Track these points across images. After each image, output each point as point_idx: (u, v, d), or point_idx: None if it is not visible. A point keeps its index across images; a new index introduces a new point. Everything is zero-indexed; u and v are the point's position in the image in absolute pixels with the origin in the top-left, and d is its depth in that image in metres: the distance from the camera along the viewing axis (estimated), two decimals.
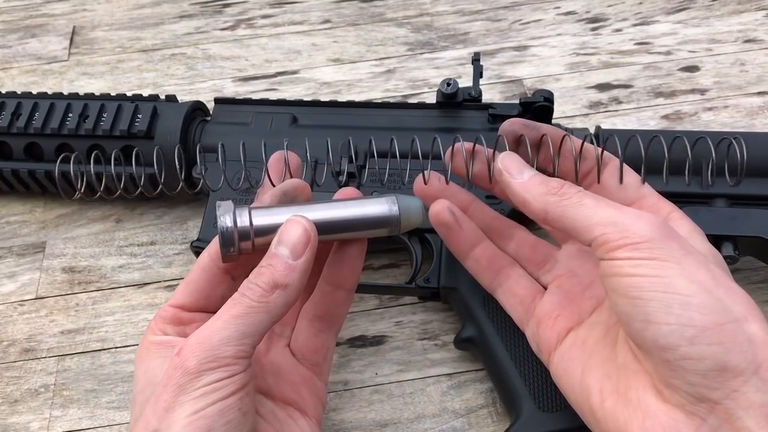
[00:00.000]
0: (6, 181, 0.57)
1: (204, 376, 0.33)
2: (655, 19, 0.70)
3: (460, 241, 0.44)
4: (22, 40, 0.73)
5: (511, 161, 0.40)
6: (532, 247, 0.45)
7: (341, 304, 0.42)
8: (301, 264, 0.36)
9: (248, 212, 0.37)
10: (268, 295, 0.35)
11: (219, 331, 0.34)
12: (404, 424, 0.47)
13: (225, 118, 0.56)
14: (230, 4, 0.74)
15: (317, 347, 0.42)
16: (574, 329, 0.40)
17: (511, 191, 0.39)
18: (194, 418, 0.32)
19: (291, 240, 0.36)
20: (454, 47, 0.69)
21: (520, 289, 0.43)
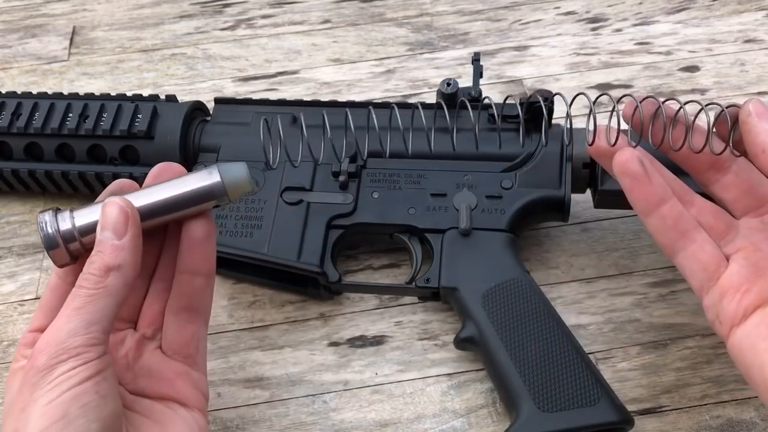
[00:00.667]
0: (6, 181, 0.57)
1: (56, 369, 0.33)
2: (655, 19, 0.70)
3: (648, 195, 0.40)
4: (22, 40, 0.73)
5: (764, 108, 0.38)
6: (714, 215, 0.42)
7: (202, 292, 0.41)
8: (127, 241, 0.36)
9: (69, 214, 0.38)
10: (103, 280, 0.35)
11: (63, 325, 0.34)
12: (404, 424, 0.47)
13: (225, 118, 0.56)
14: (230, 4, 0.74)
15: (186, 340, 0.41)
16: (763, 307, 0.38)
17: (755, 135, 0.37)
18: (48, 408, 0.32)
19: (111, 221, 0.36)
20: (454, 47, 0.69)
21: (705, 255, 0.40)
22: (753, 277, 0.39)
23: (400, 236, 0.51)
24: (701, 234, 0.41)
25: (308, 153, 0.43)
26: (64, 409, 0.33)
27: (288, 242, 0.50)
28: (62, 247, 0.38)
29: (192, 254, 0.40)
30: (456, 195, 0.51)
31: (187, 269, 0.41)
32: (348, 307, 0.53)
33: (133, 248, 0.36)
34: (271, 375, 0.50)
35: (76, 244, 0.38)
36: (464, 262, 0.49)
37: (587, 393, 0.43)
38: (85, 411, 0.33)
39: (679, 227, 0.41)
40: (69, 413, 0.33)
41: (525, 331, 0.46)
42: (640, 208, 0.41)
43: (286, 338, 0.51)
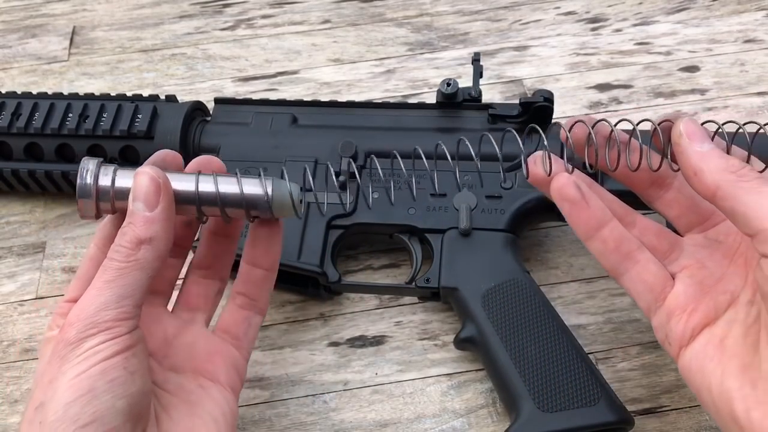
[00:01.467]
0: (6, 181, 0.57)
1: (85, 343, 0.33)
2: (655, 19, 0.70)
3: (587, 219, 0.40)
4: (22, 40, 0.73)
5: (695, 127, 0.37)
6: (657, 235, 0.42)
7: (260, 283, 0.42)
8: (158, 214, 0.35)
9: (112, 170, 0.37)
10: (135, 253, 0.34)
11: (94, 299, 0.34)
12: (404, 424, 0.47)
13: (225, 118, 0.56)
14: (230, 4, 0.74)
15: (237, 321, 0.42)
16: (710, 326, 0.37)
17: (687, 158, 0.36)
18: (75, 381, 0.32)
19: (142, 191, 0.35)
20: (454, 47, 0.69)
21: (649, 276, 0.40)
22: (699, 296, 0.39)
23: (400, 236, 0.51)
24: (645, 254, 0.40)
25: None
26: (91, 383, 0.32)
27: (288, 242, 0.50)
28: (93, 200, 0.36)
29: (255, 249, 0.42)
30: (456, 195, 0.51)
31: (250, 260, 0.42)
32: (348, 307, 0.53)
33: (165, 221, 0.36)
34: (271, 375, 0.50)
35: (107, 204, 0.37)
36: (464, 262, 0.49)
37: (587, 393, 0.43)
38: (112, 387, 0.33)
39: (621, 249, 0.40)
40: (95, 388, 0.32)
41: (525, 331, 0.46)
42: (581, 233, 0.41)
43: (286, 338, 0.51)
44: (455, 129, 0.54)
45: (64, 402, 0.32)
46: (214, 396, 0.39)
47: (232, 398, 0.40)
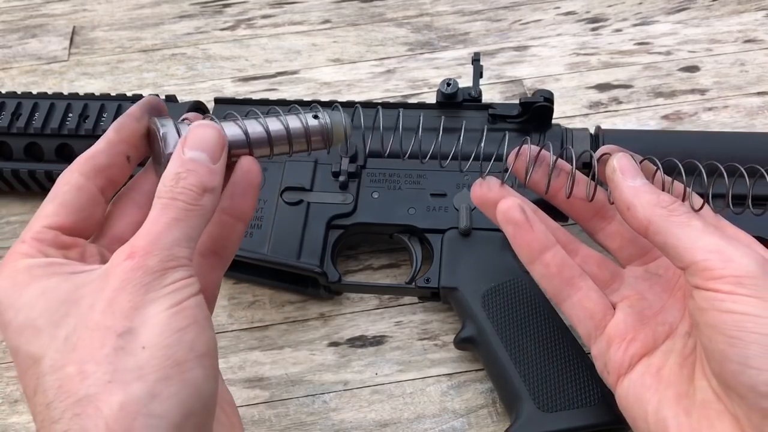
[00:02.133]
0: (6, 181, 0.57)
1: (169, 275, 0.30)
2: (655, 19, 0.70)
3: (530, 243, 0.41)
4: (22, 40, 0.73)
5: (628, 163, 0.38)
6: (598, 264, 0.43)
7: (237, 239, 0.39)
8: (219, 167, 0.35)
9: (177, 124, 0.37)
10: (200, 198, 0.33)
11: (165, 233, 0.31)
12: (404, 424, 0.47)
13: None
14: (230, 4, 0.75)
15: (206, 286, 0.37)
16: (648, 356, 0.38)
17: (620, 192, 0.37)
18: (176, 309, 0.30)
19: (209, 144, 0.35)
20: (454, 47, 0.69)
21: (590, 303, 0.40)
22: (638, 326, 0.39)
23: (400, 236, 0.51)
24: (587, 282, 0.41)
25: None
26: (194, 316, 0.30)
27: (288, 242, 0.50)
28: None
29: (245, 199, 0.38)
30: (456, 195, 0.51)
31: (233, 213, 0.38)
32: (348, 307, 0.53)
33: (222, 176, 0.35)
34: (271, 375, 0.50)
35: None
36: (464, 262, 0.49)
37: (587, 393, 0.43)
38: (209, 324, 0.31)
39: (563, 274, 0.41)
40: (199, 321, 0.30)
41: (525, 331, 0.46)
42: (524, 256, 0.42)
43: (286, 338, 0.51)
44: (455, 129, 0.54)
45: (175, 328, 0.29)
46: None
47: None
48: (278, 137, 0.39)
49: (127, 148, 0.37)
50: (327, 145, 0.40)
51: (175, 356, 0.29)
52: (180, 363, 0.29)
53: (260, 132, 0.38)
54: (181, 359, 0.29)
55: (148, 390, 0.28)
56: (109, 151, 0.36)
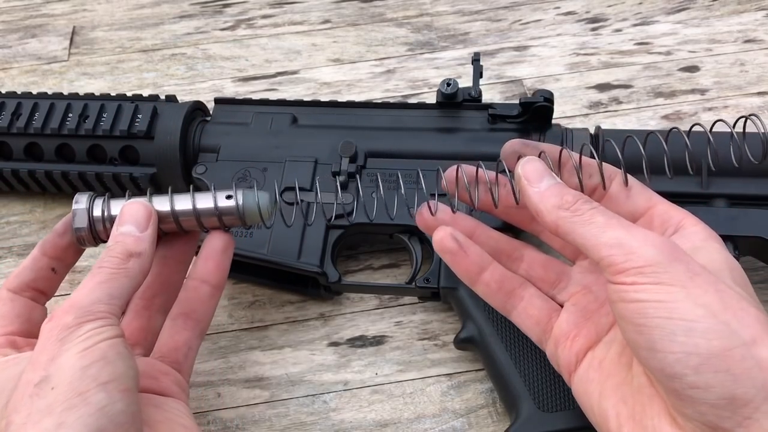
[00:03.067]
0: (6, 181, 0.57)
1: (84, 326, 0.35)
2: (655, 19, 0.70)
3: (468, 267, 0.42)
4: (22, 40, 0.73)
5: (532, 168, 0.39)
6: (544, 266, 0.43)
7: (206, 301, 0.43)
8: (148, 235, 0.40)
9: (105, 200, 0.42)
10: (125, 263, 0.38)
11: (87, 295, 0.36)
12: (404, 424, 0.47)
13: (225, 118, 0.56)
14: (230, 4, 0.75)
15: (178, 345, 0.42)
16: (592, 349, 0.39)
17: (527, 199, 0.39)
18: (86, 352, 0.34)
19: (135, 217, 0.40)
20: (454, 47, 0.69)
21: (534, 310, 0.42)
22: (581, 322, 0.40)
23: (400, 236, 0.51)
24: (528, 290, 0.42)
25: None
26: (103, 352, 0.34)
27: (288, 242, 0.50)
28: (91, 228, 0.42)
29: (207, 262, 0.43)
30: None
31: (199, 277, 0.43)
32: (348, 307, 0.53)
33: (152, 243, 0.40)
34: (271, 375, 0.50)
35: (103, 232, 0.42)
36: None
37: None
38: (121, 357, 0.34)
39: (504, 289, 0.42)
40: (107, 356, 0.34)
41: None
42: (465, 279, 0.43)
43: (286, 338, 0.51)
44: (455, 129, 0.54)
45: (79, 367, 0.33)
46: (173, 407, 0.40)
47: (188, 408, 0.41)
48: (185, 214, 0.42)
49: (50, 261, 0.43)
50: (243, 223, 0.43)
51: (78, 388, 0.32)
52: (82, 392, 0.32)
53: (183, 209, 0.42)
54: (83, 389, 0.32)
55: (55, 421, 0.32)
56: (33, 266, 0.43)
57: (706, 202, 0.48)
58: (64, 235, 0.43)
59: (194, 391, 0.49)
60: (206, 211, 0.42)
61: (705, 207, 0.48)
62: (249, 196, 0.42)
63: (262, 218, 0.42)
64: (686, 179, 0.48)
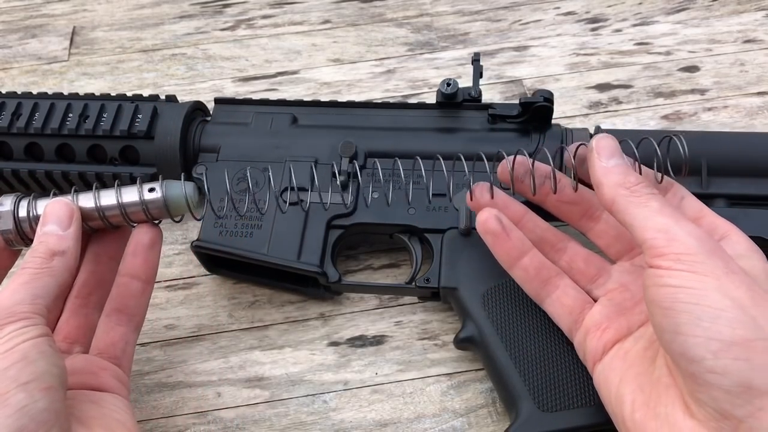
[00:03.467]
0: (6, 181, 0.57)
1: (6, 327, 0.35)
2: (655, 19, 0.70)
3: (508, 250, 0.44)
4: (22, 40, 0.73)
5: (606, 144, 0.41)
6: (585, 261, 0.45)
7: (138, 296, 0.43)
8: (71, 233, 0.40)
9: (30, 201, 0.42)
10: (48, 262, 0.38)
11: (9, 296, 0.36)
12: (404, 424, 0.47)
13: (225, 118, 0.56)
14: (230, 5, 0.75)
15: (114, 340, 0.43)
16: (620, 342, 0.40)
17: (593, 171, 0.40)
18: (6, 354, 0.34)
19: (56, 215, 0.40)
20: (454, 47, 0.69)
21: (569, 300, 0.43)
22: (614, 316, 0.42)
23: (400, 236, 0.51)
24: (564, 280, 0.44)
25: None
26: (23, 353, 0.34)
27: (288, 242, 0.50)
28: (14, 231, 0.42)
29: (135, 258, 0.43)
30: (456, 195, 0.51)
31: (128, 272, 0.43)
32: (348, 307, 0.53)
33: (77, 240, 0.40)
34: (271, 375, 0.50)
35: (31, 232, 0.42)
36: (464, 262, 0.49)
37: (587, 393, 0.43)
38: (43, 356, 0.35)
39: (541, 276, 0.44)
40: (28, 356, 0.34)
41: (525, 331, 0.46)
42: (504, 262, 0.45)
43: (286, 338, 0.52)
44: (455, 129, 0.54)
45: (0, 367, 0.33)
46: (111, 403, 0.40)
47: (128, 404, 0.41)
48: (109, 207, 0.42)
49: None
50: (169, 216, 0.43)
51: (12, 385, 0.33)
52: (1, 394, 0.33)
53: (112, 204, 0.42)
54: (2, 391, 0.33)
55: None
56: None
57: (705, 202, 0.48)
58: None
59: (194, 391, 0.49)
60: (130, 204, 0.42)
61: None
62: (173, 187, 0.42)
63: (190, 209, 0.42)
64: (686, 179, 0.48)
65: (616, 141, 0.41)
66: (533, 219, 0.46)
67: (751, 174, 0.49)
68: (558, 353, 0.45)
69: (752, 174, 0.49)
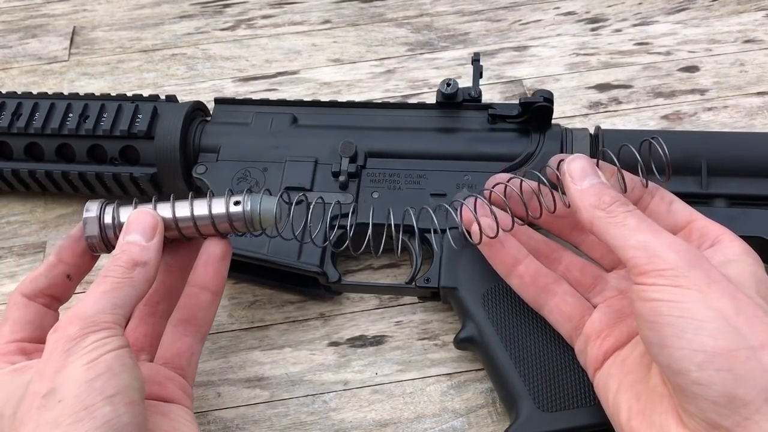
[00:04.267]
0: (6, 181, 0.57)
1: (88, 337, 0.35)
2: (655, 19, 0.70)
3: (503, 258, 0.45)
4: (22, 40, 0.73)
5: (577, 166, 0.41)
6: (581, 270, 0.45)
7: (207, 307, 0.43)
8: (154, 244, 0.40)
9: (115, 207, 0.42)
10: (130, 272, 0.38)
11: (92, 305, 0.36)
12: (404, 424, 0.47)
13: (225, 118, 0.56)
14: (230, 5, 0.75)
15: (180, 351, 0.43)
16: (620, 349, 0.41)
17: (569, 194, 0.41)
18: (92, 364, 0.34)
19: (141, 226, 0.40)
20: (454, 47, 0.69)
21: (567, 306, 0.44)
22: (614, 323, 0.42)
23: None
24: (562, 286, 0.44)
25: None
26: (108, 365, 0.34)
27: (288, 242, 0.50)
28: (99, 237, 0.42)
29: (207, 269, 0.43)
30: (456, 195, 0.51)
31: (198, 283, 0.43)
32: (348, 307, 0.53)
33: (158, 251, 0.40)
34: (271, 375, 0.50)
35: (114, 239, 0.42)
36: (464, 262, 0.49)
37: (587, 393, 0.43)
38: (126, 369, 0.35)
39: (538, 283, 0.44)
40: (113, 368, 0.34)
41: (525, 331, 0.46)
42: (501, 271, 0.46)
43: (286, 338, 0.52)
44: (455, 129, 0.54)
45: (85, 380, 0.33)
46: (178, 415, 0.40)
47: (193, 416, 0.41)
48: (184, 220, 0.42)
49: (66, 268, 0.43)
50: (249, 229, 0.42)
51: (85, 402, 0.33)
52: (88, 406, 0.33)
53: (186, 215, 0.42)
54: (89, 402, 0.33)
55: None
56: (48, 273, 0.42)
57: (705, 202, 0.48)
58: (80, 241, 0.43)
59: (194, 391, 0.49)
60: (217, 217, 0.42)
61: (705, 207, 0.48)
62: (263, 201, 0.42)
63: (276, 226, 0.43)
64: (686, 179, 0.48)
65: (587, 159, 0.41)
66: (527, 231, 0.47)
67: (751, 174, 0.49)
68: (558, 353, 0.45)
69: (752, 174, 0.49)
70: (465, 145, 0.53)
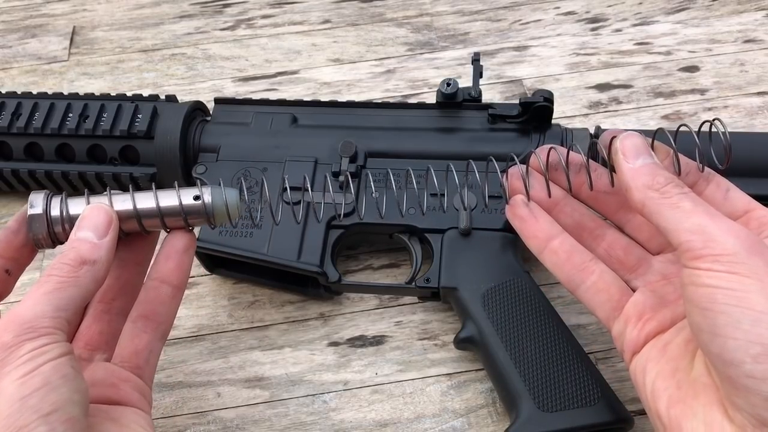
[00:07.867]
0: (6, 181, 0.57)
1: (25, 345, 0.32)
2: (655, 19, 0.70)
3: (536, 232, 0.43)
4: (22, 40, 0.73)
5: (630, 144, 0.39)
6: (625, 250, 0.43)
7: (167, 302, 0.41)
8: (106, 242, 0.37)
9: (63, 199, 0.39)
10: (76, 271, 0.36)
11: (30, 308, 0.34)
12: (404, 424, 0.47)
13: (225, 118, 0.56)
14: (230, 4, 0.75)
15: (138, 348, 0.40)
16: (661, 333, 0.39)
17: (620, 173, 0.39)
18: (26, 378, 0.32)
19: (94, 222, 0.38)
20: (454, 47, 0.69)
21: (605, 285, 0.42)
22: (657, 307, 0.40)
23: (400, 236, 0.51)
24: (599, 265, 0.42)
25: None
26: (45, 378, 0.32)
27: (288, 242, 0.50)
28: (48, 228, 0.39)
29: (168, 262, 0.41)
30: (456, 195, 0.51)
31: (158, 277, 0.41)
32: (348, 307, 0.53)
33: (110, 250, 0.37)
34: (271, 375, 0.50)
35: (59, 228, 0.39)
36: (464, 262, 0.49)
37: (587, 393, 0.43)
38: (66, 381, 0.32)
39: (573, 260, 0.42)
40: (50, 382, 0.32)
41: (525, 331, 0.46)
42: (533, 247, 0.44)
43: (286, 338, 0.52)
44: (455, 129, 0.54)
45: (19, 396, 0.31)
46: (132, 420, 0.38)
47: (149, 420, 0.39)
48: (148, 214, 0.40)
49: (4, 262, 0.39)
50: (209, 223, 0.40)
51: (17, 423, 0.31)
52: (21, 427, 0.31)
53: (150, 207, 0.39)
54: (23, 423, 0.31)
55: None
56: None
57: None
58: (18, 233, 0.39)
59: (194, 391, 0.49)
60: (171, 210, 0.39)
61: None
62: (217, 194, 0.40)
63: (230, 218, 0.40)
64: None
65: (642, 138, 0.39)
66: (572, 203, 0.45)
67: (751, 174, 0.49)
68: (558, 353, 0.45)
69: (752, 174, 0.49)
70: (465, 145, 0.53)
